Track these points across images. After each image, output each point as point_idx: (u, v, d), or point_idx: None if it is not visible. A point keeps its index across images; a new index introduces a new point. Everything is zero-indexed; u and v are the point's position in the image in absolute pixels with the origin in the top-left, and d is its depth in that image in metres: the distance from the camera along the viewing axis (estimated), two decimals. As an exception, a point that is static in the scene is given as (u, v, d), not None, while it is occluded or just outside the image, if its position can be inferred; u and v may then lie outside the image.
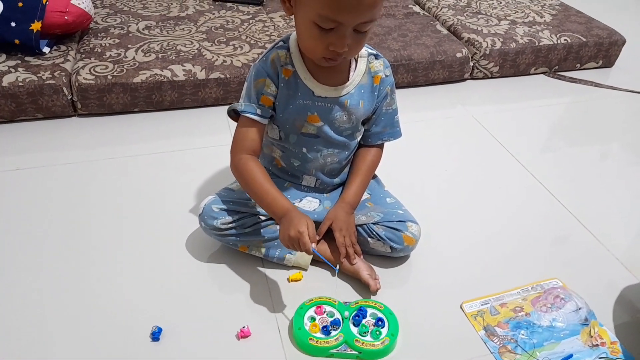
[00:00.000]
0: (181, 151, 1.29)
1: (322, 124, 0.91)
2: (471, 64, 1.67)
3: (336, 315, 0.87)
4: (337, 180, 1.02)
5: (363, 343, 0.82)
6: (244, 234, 0.94)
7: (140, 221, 1.07)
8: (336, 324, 0.85)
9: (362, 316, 0.86)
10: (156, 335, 0.83)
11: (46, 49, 1.41)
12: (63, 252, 0.99)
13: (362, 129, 0.98)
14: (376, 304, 0.88)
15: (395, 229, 0.95)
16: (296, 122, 0.91)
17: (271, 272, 0.97)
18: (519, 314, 0.90)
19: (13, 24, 1.36)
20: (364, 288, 0.93)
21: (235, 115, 0.91)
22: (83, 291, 0.91)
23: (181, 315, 0.88)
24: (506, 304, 0.92)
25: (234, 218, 0.93)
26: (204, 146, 1.31)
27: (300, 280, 0.95)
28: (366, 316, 0.87)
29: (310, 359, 0.83)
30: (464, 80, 1.71)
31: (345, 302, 0.89)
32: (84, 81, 1.34)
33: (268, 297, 0.92)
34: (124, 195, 1.14)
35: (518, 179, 1.28)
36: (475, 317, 0.90)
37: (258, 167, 0.88)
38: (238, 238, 0.94)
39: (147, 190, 1.16)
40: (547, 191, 1.23)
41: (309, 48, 0.81)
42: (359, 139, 0.99)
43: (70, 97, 1.36)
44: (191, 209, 1.10)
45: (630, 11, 2.39)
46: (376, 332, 0.84)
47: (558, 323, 0.88)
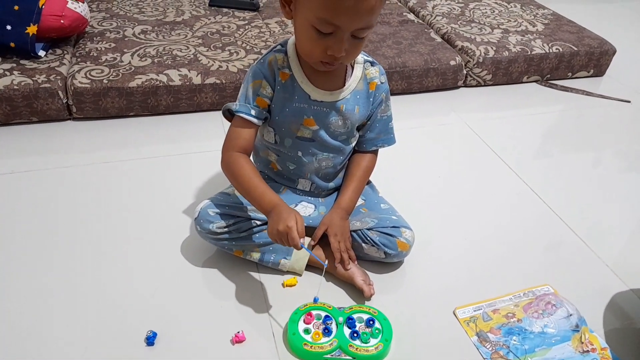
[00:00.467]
0: (176, 155, 1.30)
1: (318, 128, 0.92)
2: (464, 72, 1.69)
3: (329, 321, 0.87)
4: (332, 184, 1.03)
5: (357, 348, 0.83)
6: (239, 239, 0.94)
7: (135, 225, 1.07)
8: (328, 329, 0.86)
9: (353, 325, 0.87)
10: (151, 339, 0.83)
11: (42, 53, 1.41)
12: (56, 256, 0.99)
13: (357, 135, 0.99)
14: (370, 310, 0.89)
15: (389, 235, 0.96)
16: (292, 126, 0.92)
17: (266, 277, 0.97)
18: (511, 320, 0.91)
19: (9, 27, 1.36)
20: (358, 293, 0.94)
21: (229, 115, 0.92)
22: (77, 295, 0.91)
23: (176, 319, 0.88)
24: (498, 310, 0.93)
25: (230, 222, 0.93)
26: (200, 151, 1.31)
27: (294, 285, 0.96)
28: (355, 325, 0.87)
29: (304, 364, 0.83)
30: (458, 87, 1.72)
31: (339, 308, 0.89)
32: (80, 85, 1.34)
33: (263, 302, 0.92)
34: (119, 199, 1.14)
35: (510, 186, 1.29)
36: (468, 323, 0.91)
37: (248, 164, 0.89)
38: (233, 242, 0.95)
39: (142, 194, 1.16)
40: (539, 198, 1.25)
41: (307, 51, 0.83)
42: (354, 145, 1.00)
43: (65, 101, 1.36)
44: (186, 213, 1.10)
45: (620, 21, 2.43)
46: (372, 333, 0.85)
47: (549, 329, 0.89)
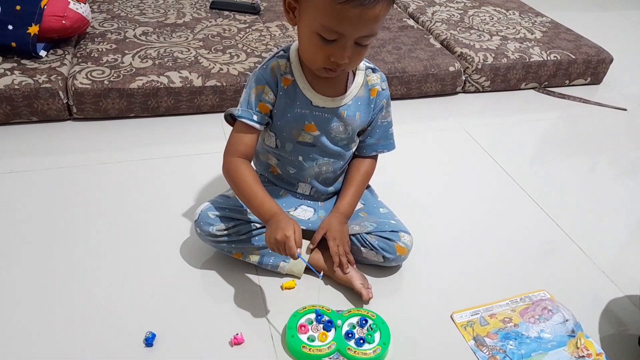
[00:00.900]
0: (176, 157, 1.30)
1: (319, 134, 0.93)
2: (463, 78, 1.71)
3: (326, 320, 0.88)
4: (332, 189, 1.04)
5: (355, 351, 0.83)
6: (239, 241, 0.95)
7: (134, 227, 1.07)
8: (326, 328, 0.86)
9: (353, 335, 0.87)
10: (150, 341, 0.84)
11: (43, 53, 1.42)
12: (55, 257, 0.99)
13: (357, 140, 1.00)
14: (368, 313, 0.90)
15: (387, 239, 0.96)
16: (293, 131, 0.93)
17: (265, 280, 0.98)
18: (508, 325, 0.92)
19: (10, 27, 1.36)
20: (357, 297, 0.94)
21: (231, 119, 0.93)
22: (76, 296, 0.91)
23: (175, 321, 0.88)
24: (495, 315, 0.94)
25: (230, 225, 0.93)
26: (199, 153, 1.32)
27: (293, 288, 0.96)
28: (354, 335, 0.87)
29: (302, 367, 0.83)
30: (456, 93, 1.74)
31: (338, 311, 0.90)
32: (81, 85, 1.35)
33: (261, 305, 0.93)
34: (118, 200, 1.14)
35: (507, 191, 1.30)
36: (465, 327, 0.92)
37: (248, 170, 0.89)
38: (233, 245, 0.95)
39: (142, 195, 1.16)
40: (535, 204, 1.26)
41: (310, 58, 0.83)
42: (354, 150, 1.01)
43: (66, 101, 1.36)
44: (186, 216, 1.11)
45: (617, 30, 2.46)
46: (367, 336, 0.86)
47: (546, 334, 0.90)
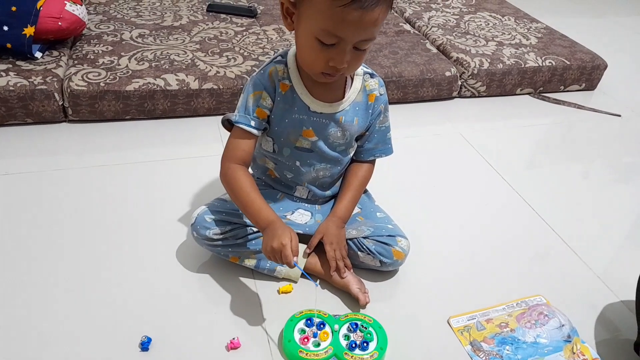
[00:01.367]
0: (172, 160, 1.29)
1: (317, 139, 0.93)
2: (459, 83, 1.71)
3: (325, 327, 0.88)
4: (329, 192, 1.04)
5: (352, 356, 0.83)
6: (236, 245, 0.94)
7: (129, 230, 1.07)
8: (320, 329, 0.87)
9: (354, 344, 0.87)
10: (145, 345, 0.83)
11: (38, 54, 1.41)
12: (49, 260, 0.98)
13: (355, 145, 1.00)
14: (365, 318, 0.90)
15: (385, 244, 0.96)
16: (291, 136, 0.93)
17: (261, 284, 0.97)
18: (504, 330, 0.92)
19: (5, 28, 1.35)
20: (354, 301, 0.94)
21: (229, 125, 0.92)
22: (71, 299, 0.91)
23: (171, 325, 0.88)
24: (492, 320, 0.94)
25: (226, 229, 0.93)
26: (196, 156, 1.31)
27: (290, 292, 0.96)
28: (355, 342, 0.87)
29: (299, 372, 0.83)
30: (452, 98, 1.74)
31: (335, 315, 0.90)
32: (76, 87, 1.34)
33: (258, 309, 0.92)
34: (114, 203, 1.13)
35: (503, 196, 1.31)
36: (462, 332, 0.92)
37: (246, 177, 0.89)
38: (229, 249, 0.95)
39: (137, 198, 1.15)
40: (531, 208, 1.26)
41: (309, 63, 0.83)
42: (352, 155, 1.01)
43: (61, 103, 1.35)
44: (182, 219, 1.10)
45: (611, 37, 2.48)
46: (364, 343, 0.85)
47: (542, 339, 0.90)
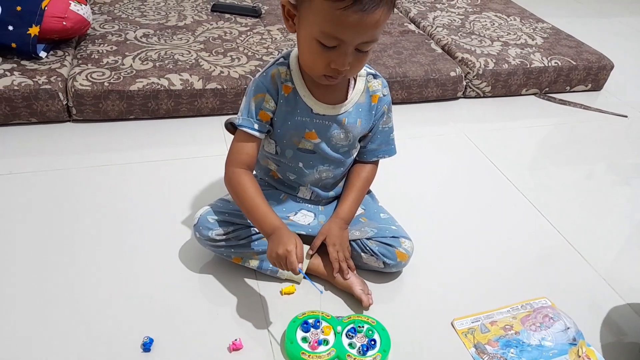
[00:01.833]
0: (176, 160, 1.29)
1: (320, 141, 0.92)
2: (464, 83, 1.70)
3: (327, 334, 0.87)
4: (332, 193, 1.03)
5: (355, 358, 0.83)
6: (238, 246, 0.94)
7: (132, 230, 1.06)
8: (316, 327, 0.86)
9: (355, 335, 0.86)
10: (147, 346, 0.83)
11: (43, 54, 1.41)
12: (52, 259, 0.98)
13: (358, 146, 0.99)
14: (368, 319, 0.89)
15: (388, 245, 0.96)
16: (293, 138, 0.92)
17: (264, 285, 0.97)
18: (509, 332, 0.91)
19: (10, 28, 1.35)
20: (357, 303, 0.94)
21: (232, 128, 0.92)
22: (73, 299, 0.91)
23: (173, 326, 0.88)
24: (496, 322, 0.93)
25: (229, 229, 0.93)
26: (199, 155, 1.31)
27: (293, 293, 0.96)
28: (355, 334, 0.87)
29: (301, 373, 0.83)
30: (457, 98, 1.73)
31: (337, 317, 0.89)
32: (80, 87, 1.34)
33: (260, 310, 0.92)
34: (117, 203, 1.13)
35: (507, 197, 1.30)
36: (466, 335, 0.91)
37: (251, 182, 0.89)
38: (232, 250, 0.94)
39: (140, 198, 1.15)
40: (536, 209, 1.25)
41: (310, 65, 0.82)
42: (355, 156, 1.00)
43: (65, 103, 1.35)
44: (185, 219, 1.10)
45: (618, 37, 2.46)
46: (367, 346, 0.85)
47: (547, 342, 0.89)
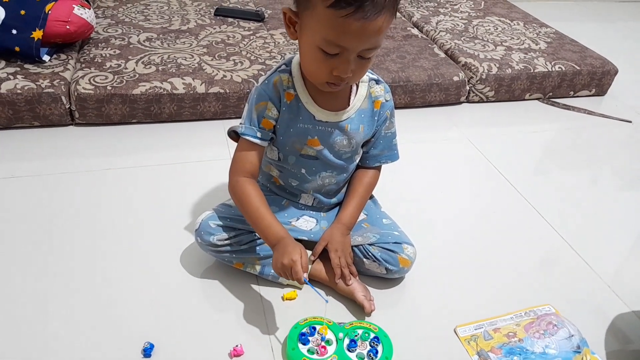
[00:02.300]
0: (178, 164, 1.29)
1: (322, 148, 0.92)
2: (467, 88, 1.70)
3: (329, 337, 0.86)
4: (334, 200, 1.03)
5: (357, 365, 0.82)
6: (240, 251, 0.94)
7: (134, 234, 1.06)
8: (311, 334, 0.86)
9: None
10: (148, 351, 0.82)
11: (46, 58, 1.41)
12: (53, 263, 0.98)
13: (361, 152, 0.99)
14: (370, 326, 0.88)
15: (391, 251, 0.95)
16: (296, 145, 0.92)
17: (265, 290, 0.96)
18: (512, 340, 0.90)
19: (14, 32, 1.36)
20: (359, 309, 0.93)
21: (235, 135, 0.91)
22: (74, 303, 0.90)
23: (173, 331, 0.87)
24: (500, 329, 0.93)
25: (231, 235, 0.92)
26: (202, 160, 1.31)
27: (294, 299, 0.95)
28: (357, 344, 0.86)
29: (303, 380, 0.82)
30: (460, 103, 1.73)
31: (339, 323, 0.89)
32: (83, 91, 1.34)
33: (262, 316, 0.91)
34: (118, 206, 1.13)
35: (511, 203, 1.29)
36: (469, 342, 0.90)
37: (255, 191, 0.88)
38: (234, 255, 0.94)
39: (142, 202, 1.15)
40: (540, 215, 1.25)
41: (313, 72, 0.82)
42: (358, 161, 1.00)
43: (68, 106, 1.35)
44: (186, 224, 1.10)
45: (622, 42, 2.45)
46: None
47: (551, 350, 0.88)
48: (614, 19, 2.77)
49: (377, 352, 0.84)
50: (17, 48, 1.37)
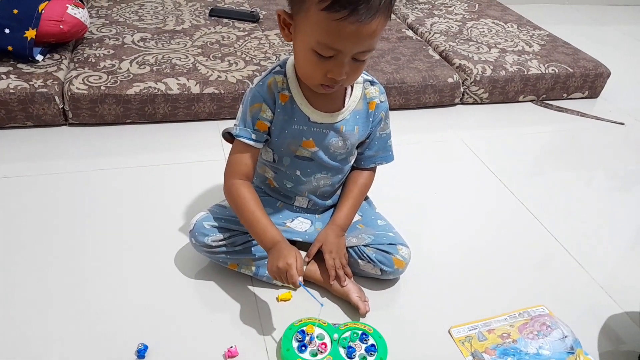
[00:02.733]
0: (172, 165, 1.29)
1: (317, 149, 0.92)
2: (462, 90, 1.71)
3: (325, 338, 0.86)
4: (330, 202, 1.03)
5: (351, 366, 0.82)
6: (235, 252, 0.93)
7: (128, 235, 1.06)
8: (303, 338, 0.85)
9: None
10: (142, 352, 0.82)
11: (39, 57, 1.40)
12: (46, 265, 0.97)
13: (356, 153, 0.99)
14: (365, 327, 0.88)
15: (385, 252, 0.95)
16: (291, 146, 0.92)
17: (260, 291, 0.96)
18: (506, 341, 0.91)
19: (7, 31, 1.35)
20: (354, 310, 0.93)
21: (229, 137, 0.91)
22: (68, 305, 0.90)
23: (168, 332, 0.87)
24: (494, 330, 0.93)
25: (225, 236, 0.92)
26: (196, 160, 1.31)
27: (289, 300, 0.95)
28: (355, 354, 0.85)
29: (297, 382, 0.82)
30: (455, 105, 1.74)
31: (334, 324, 0.89)
32: (77, 91, 1.33)
33: (257, 317, 0.91)
34: (112, 207, 1.13)
35: (505, 204, 1.29)
36: (463, 343, 0.91)
37: (251, 194, 0.88)
38: (228, 256, 0.94)
39: (136, 203, 1.14)
40: (533, 217, 1.25)
41: (307, 75, 0.82)
42: (352, 163, 1.00)
43: (61, 106, 1.35)
44: (181, 225, 1.09)
45: (615, 45, 2.47)
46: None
47: (544, 351, 0.88)
48: (607, 22, 2.80)
49: (374, 346, 0.84)
50: (10, 47, 1.36)
